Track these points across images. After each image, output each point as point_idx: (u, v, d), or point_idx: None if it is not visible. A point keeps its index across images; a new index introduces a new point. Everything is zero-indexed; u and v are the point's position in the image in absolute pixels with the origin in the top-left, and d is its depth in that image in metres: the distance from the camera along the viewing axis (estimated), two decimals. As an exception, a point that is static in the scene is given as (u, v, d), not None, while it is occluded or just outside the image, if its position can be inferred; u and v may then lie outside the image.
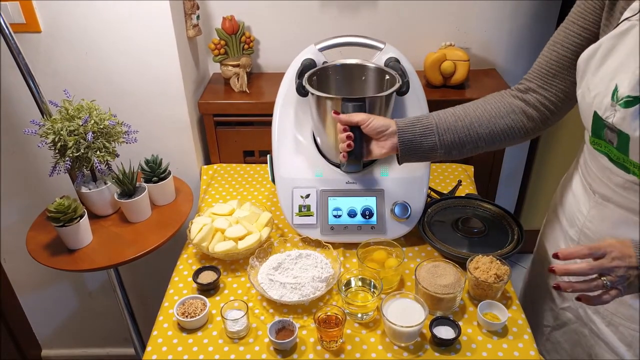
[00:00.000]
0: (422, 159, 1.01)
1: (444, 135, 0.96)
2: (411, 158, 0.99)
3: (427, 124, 0.97)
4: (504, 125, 0.97)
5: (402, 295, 1.00)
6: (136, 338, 1.55)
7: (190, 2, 1.41)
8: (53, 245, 1.20)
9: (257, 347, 0.98)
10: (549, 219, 1.13)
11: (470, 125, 0.97)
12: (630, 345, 0.90)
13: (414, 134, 0.96)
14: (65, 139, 1.12)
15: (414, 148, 0.97)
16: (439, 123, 0.97)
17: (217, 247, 1.13)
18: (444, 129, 0.97)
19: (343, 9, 1.57)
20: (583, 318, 0.99)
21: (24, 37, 1.30)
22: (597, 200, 0.91)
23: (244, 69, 1.57)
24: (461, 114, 0.98)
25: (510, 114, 0.97)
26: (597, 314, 0.95)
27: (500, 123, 0.97)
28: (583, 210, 0.95)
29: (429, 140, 0.96)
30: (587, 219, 0.94)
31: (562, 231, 1.03)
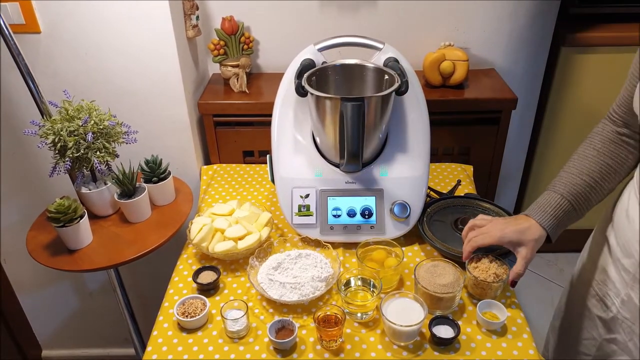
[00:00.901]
0: None
1: (569, 188, 0.95)
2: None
3: (564, 207, 0.94)
4: (622, 172, 0.94)
5: (402, 294, 1.01)
6: (136, 338, 1.55)
7: (190, 2, 1.42)
8: (53, 246, 1.20)
9: (257, 346, 0.98)
10: (594, 243, 1.05)
11: (597, 186, 0.93)
12: None
13: (557, 217, 0.95)
14: (65, 140, 1.12)
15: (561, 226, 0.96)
16: (573, 201, 0.94)
17: (217, 247, 1.13)
18: (578, 203, 0.94)
19: (342, 9, 1.57)
20: (633, 352, 0.93)
21: (23, 37, 1.30)
22: None
23: (244, 69, 1.57)
24: (587, 179, 0.93)
25: (623, 160, 0.93)
26: None
27: (620, 171, 0.94)
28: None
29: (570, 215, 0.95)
30: None
31: (614, 259, 0.95)
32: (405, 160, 1.21)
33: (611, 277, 0.95)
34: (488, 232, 0.99)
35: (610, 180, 0.93)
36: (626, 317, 0.92)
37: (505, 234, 0.96)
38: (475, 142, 1.61)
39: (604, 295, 0.98)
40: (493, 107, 1.55)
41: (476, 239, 1.00)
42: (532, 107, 1.85)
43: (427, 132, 1.22)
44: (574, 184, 0.93)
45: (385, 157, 1.21)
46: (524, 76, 1.74)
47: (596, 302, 1.00)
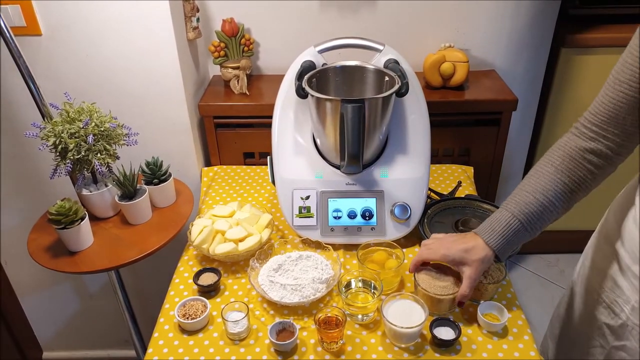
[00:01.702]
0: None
1: (520, 207, 0.91)
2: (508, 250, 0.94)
3: (514, 226, 0.91)
4: (580, 193, 0.89)
5: (402, 296, 1.00)
6: (137, 340, 1.55)
7: (190, 4, 1.42)
8: (54, 248, 1.20)
9: (258, 348, 0.98)
10: (597, 249, 1.02)
11: (551, 206, 0.89)
12: None
13: (505, 237, 0.91)
14: (66, 142, 1.13)
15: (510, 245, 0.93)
16: (524, 220, 0.90)
17: (218, 249, 1.13)
18: (530, 223, 0.90)
19: (342, 11, 1.58)
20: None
21: (24, 40, 1.30)
22: None
23: (244, 71, 1.57)
24: (540, 198, 0.88)
25: (582, 180, 0.87)
26: None
27: (577, 191, 0.88)
28: None
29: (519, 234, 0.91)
30: None
31: (621, 265, 0.92)
32: (405, 162, 1.21)
33: (619, 284, 0.93)
34: (434, 249, 0.98)
35: (567, 200, 0.88)
36: (636, 323, 0.90)
37: (449, 253, 0.95)
38: (475, 144, 1.61)
39: (611, 303, 0.95)
40: (493, 108, 1.55)
41: (422, 252, 1.00)
42: (533, 108, 1.85)
43: (427, 134, 1.22)
44: (526, 203, 0.89)
45: (385, 158, 1.21)
46: (524, 77, 1.74)
47: (603, 309, 0.97)
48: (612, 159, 0.85)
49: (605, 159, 0.85)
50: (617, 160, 0.85)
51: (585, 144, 0.85)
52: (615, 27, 1.76)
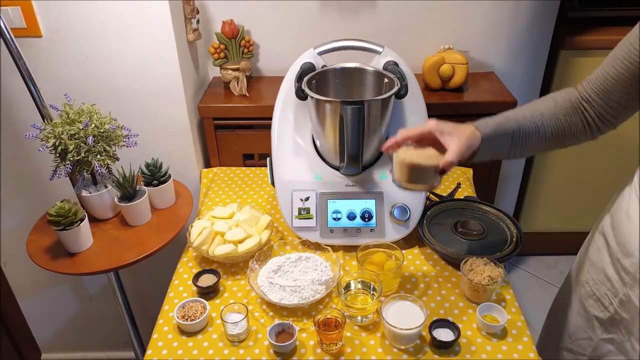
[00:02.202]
0: (500, 143, 0.94)
1: (517, 117, 0.94)
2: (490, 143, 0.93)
3: (506, 128, 0.94)
4: (568, 138, 0.94)
5: (402, 297, 1.01)
6: (136, 341, 1.55)
7: (190, 6, 1.42)
8: (53, 249, 1.20)
9: (257, 350, 0.98)
10: (593, 242, 1.03)
11: (541, 131, 0.93)
12: None
13: (495, 131, 0.93)
14: (65, 143, 1.13)
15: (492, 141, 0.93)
16: (515, 129, 0.93)
17: (217, 250, 1.13)
18: (514, 113, 0.95)
19: (342, 13, 1.58)
20: (630, 353, 0.92)
21: (24, 41, 1.30)
22: None
23: (244, 73, 1.57)
24: (536, 120, 0.93)
25: (572, 115, 0.92)
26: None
27: (567, 134, 0.93)
28: None
29: (507, 126, 0.93)
30: None
31: (613, 259, 0.94)
32: (405, 164, 1.21)
33: (609, 276, 0.95)
34: (422, 124, 0.94)
35: (556, 138, 0.93)
36: (624, 317, 0.92)
37: (440, 124, 0.92)
38: (474, 145, 1.61)
39: (601, 295, 0.97)
40: (492, 110, 1.53)
41: (410, 130, 0.94)
42: (532, 110, 1.85)
43: (426, 135, 1.22)
44: (524, 118, 0.92)
45: (385, 160, 1.21)
46: (523, 79, 1.75)
47: (593, 302, 0.99)
48: (596, 127, 0.91)
49: (592, 123, 0.91)
50: (597, 131, 0.92)
51: (582, 102, 0.91)
52: (614, 29, 1.77)
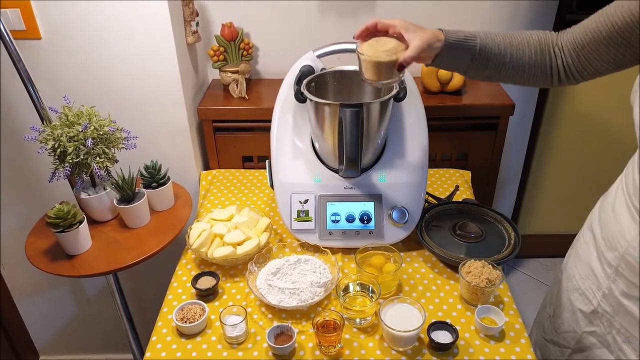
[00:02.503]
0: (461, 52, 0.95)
1: (484, 39, 0.94)
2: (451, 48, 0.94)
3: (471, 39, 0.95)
4: (531, 60, 0.94)
5: (400, 300, 1.01)
6: (134, 344, 1.55)
7: (190, 9, 1.43)
8: (52, 251, 1.20)
9: (256, 352, 0.98)
10: (582, 237, 1.05)
11: (507, 44, 0.95)
12: None
13: (459, 41, 0.94)
14: (65, 145, 1.13)
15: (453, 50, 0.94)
16: (480, 45, 0.95)
17: (216, 253, 1.13)
18: (485, 35, 0.95)
19: (341, 16, 1.58)
20: (611, 345, 0.94)
21: (24, 43, 1.30)
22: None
23: (243, 75, 1.58)
24: (504, 35, 0.96)
25: (540, 56, 0.94)
26: (628, 344, 0.91)
27: (529, 57, 0.94)
28: (627, 236, 0.87)
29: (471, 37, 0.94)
30: (632, 246, 0.86)
31: (598, 252, 0.96)
32: (403, 166, 1.21)
33: (594, 270, 0.97)
34: (389, 19, 0.96)
35: (516, 72, 0.95)
36: (606, 310, 0.94)
37: (405, 22, 0.94)
38: (473, 148, 1.62)
39: (586, 289, 0.99)
40: (491, 113, 1.56)
41: (377, 20, 0.96)
42: (530, 113, 1.86)
43: (425, 138, 1.22)
44: (492, 39, 0.94)
45: (383, 162, 1.22)
46: (522, 82, 1.75)
47: (579, 295, 1.01)
48: (558, 78, 0.95)
49: (556, 71, 0.94)
50: (558, 81, 0.95)
51: (555, 47, 0.93)
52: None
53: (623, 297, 0.90)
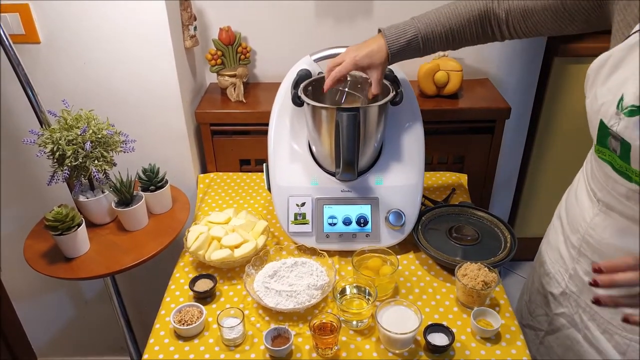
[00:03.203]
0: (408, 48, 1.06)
1: (424, 33, 1.05)
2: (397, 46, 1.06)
3: (413, 45, 1.07)
4: (472, 35, 1.06)
5: (397, 302, 1.01)
6: (132, 346, 1.55)
7: (188, 13, 1.43)
8: (50, 254, 1.20)
9: (253, 354, 0.99)
10: (552, 226, 1.13)
11: (447, 42, 1.06)
12: (624, 354, 0.91)
13: (403, 50, 1.07)
14: (63, 149, 1.13)
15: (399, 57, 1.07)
16: (422, 43, 1.07)
17: (214, 255, 1.14)
18: (424, 47, 1.07)
19: (338, 20, 1.59)
20: (578, 324, 0.99)
21: (23, 47, 1.31)
22: (601, 209, 0.90)
23: (241, 79, 1.58)
24: (444, 32, 1.06)
25: (481, 28, 1.04)
26: (593, 321, 0.96)
27: (471, 41, 1.07)
28: (586, 218, 0.94)
29: (410, 27, 1.06)
30: (590, 227, 0.93)
31: (564, 237, 1.03)
32: (400, 169, 1.22)
33: (562, 253, 1.03)
34: (344, 63, 1.07)
35: (459, 44, 1.07)
36: (573, 290, 1.00)
37: (358, 61, 1.06)
38: (469, 151, 1.63)
39: (556, 272, 1.05)
40: (487, 116, 1.56)
41: (336, 71, 1.07)
42: (526, 116, 1.87)
43: (421, 141, 1.23)
44: (432, 30, 1.04)
45: (380, 166, 1.23)
46: (518, 86, 1.76)
47: (549, 279, 1.07)
48: (500, 35, 1.04)
49: (499, 33, 1.04)
50: (501, 38, 1.05)
51: (498, 11, 1.01)
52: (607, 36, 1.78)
53: (586, 276, 0.96)
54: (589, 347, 0.98)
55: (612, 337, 0.92)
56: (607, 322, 0.93)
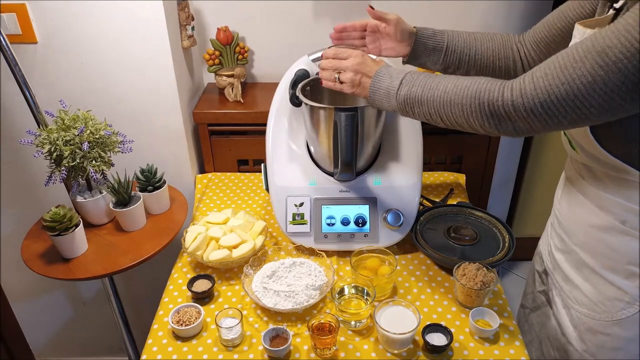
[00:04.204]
0: (430, 50, 1.08)
1: (451, 34, 1.08)
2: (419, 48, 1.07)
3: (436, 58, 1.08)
4: (494, 52, 1.07)
5: (395, 302, 1.01)
6: (130, 347, 1.55)
7: (185, 13, 1.43)
8: (48, 255, 1.20)
9: (252, 354, 0.99)
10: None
11: (472, 37, 1.07)
12: (576, 327, 0.96)
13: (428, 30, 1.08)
14: (61, 149, 1.13)
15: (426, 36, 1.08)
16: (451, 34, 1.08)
17: (212, 256, 1.14)
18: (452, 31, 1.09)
19: (336, 20, 1.59)
20: (550, 301, 1.03)
21: (20, 47, 1.31)
22: (565, 183, 0.99)
23: (238, 79, 1.58)
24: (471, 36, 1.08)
25: (504, 59, 1.06)
26: (558, 296, 1.01)
27: (495, 62, 1.07)
28: (558, 194, 1.03)
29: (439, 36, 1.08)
30: (558, 201, 1.02)
31: (552, 217, 1.09)
32: (398, 169, 1.22)
33: (547, 231, 1.10)
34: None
35: (484, 62, 1.07)
36: (549, 267, 1.05)
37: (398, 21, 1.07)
38: (467, 151, 1.63)
39: (543, 250, 1.11)
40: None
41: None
42: (524, 116, 1.87)
43: (419, 142, 1.23)
44: (458, 35, 1.07)
45: (378, 166, 1.23)
46: (516, 86, 1.76)
47: (538, 257, 1.13)
48: (527, 66, 1.05)
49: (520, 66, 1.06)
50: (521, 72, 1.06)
51: (517, 44, 1.06)
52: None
53: (556, 251, 1.02)
54: (555, 323, 1.03)
55: (569, 311, 0.97)
56: (567, 296, 0.98)
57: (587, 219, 0.90)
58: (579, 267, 0.94)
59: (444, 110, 0.87)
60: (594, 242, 0.89)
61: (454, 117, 0.86)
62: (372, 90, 0.94)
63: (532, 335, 1.14)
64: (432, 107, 0.88)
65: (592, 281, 0.91)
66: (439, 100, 0.86)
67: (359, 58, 0.96)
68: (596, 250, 0.90)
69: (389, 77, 0.93)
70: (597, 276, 0.90)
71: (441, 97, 0.86)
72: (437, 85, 0.87)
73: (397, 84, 0.91)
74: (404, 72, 0.93)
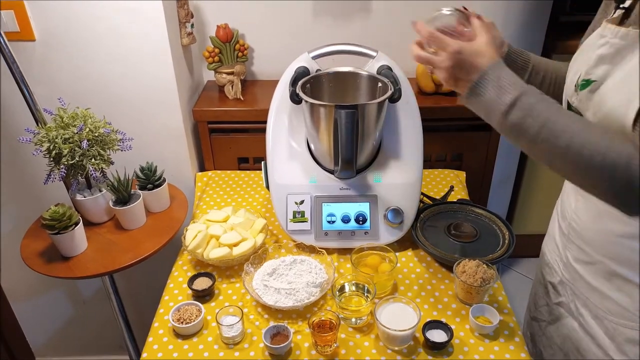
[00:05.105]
0: None
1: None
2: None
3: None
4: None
5: (396, 299, 1.01)
6: (131, 345, 1.55)
7: (185, 10, 1.43)
8: (48, 253, 1.20)
9: (252, 352, 0.99)
10: (552, 218, 1.13)
11: (553, 66, 0.99)
12: (613, 339, 0.92)
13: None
14: (60, 147, 1.13)
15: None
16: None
17: (212, 254, 1.14)
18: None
19: (336, 18, 1.59)
20: (574, 312, 1.00)
21: (18, 45, 1.30)
22: (581, 193, 0.92)
23: (238, 77, 1.58)
24: None
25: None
26: (585, 307, 0.97)
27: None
28: (572, 204, 0.96)
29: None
30: (574, 212, 0.95)
31: (558, 225, 1.04)
32: (398, 167, 1.22)
33: (557, 242, 1.04)
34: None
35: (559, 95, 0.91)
36: (567, 278, 1.00)
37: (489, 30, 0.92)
38: (467, 149, 1.63)
39: (553, 261, 1.05)
40: (485, 113, 1.56)
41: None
42: (524, 113, 1.87)
43: (420, 139, 1.23)
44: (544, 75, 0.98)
45: (379, 163, 1.23)
46: (515, 83, 1.76)
47: (549, 269, 1.07)
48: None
49: None
50: None
51: None
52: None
53: (575, 262, 0.96)
54: (584, 335, 0.98)
55: (602, 322, 0.94)
56: (597, 307, 0.94)
57: (613, 228, 0.86)
58: (609, 277, 0.90)
59: (563, 167, 0.75)
60: (625, 251, 0.85)
61: (576, 181, 0.77)
62: (470, 94, 0.82)
63: (553, 349, 1.10)
64: (545, 156, 0.75)
65: (627, 291, 0.87)
66: (559, 154, 0.72)
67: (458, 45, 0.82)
68: (628, 259, 0.85)
69: (497, 87, 0.76)
70: (631, 285, 0.86)
71: (562, 151, 0.71)
72: (562, 130, 0.71)
73: (508, 103, 0.75)
74: (516, 84, 0.76)
